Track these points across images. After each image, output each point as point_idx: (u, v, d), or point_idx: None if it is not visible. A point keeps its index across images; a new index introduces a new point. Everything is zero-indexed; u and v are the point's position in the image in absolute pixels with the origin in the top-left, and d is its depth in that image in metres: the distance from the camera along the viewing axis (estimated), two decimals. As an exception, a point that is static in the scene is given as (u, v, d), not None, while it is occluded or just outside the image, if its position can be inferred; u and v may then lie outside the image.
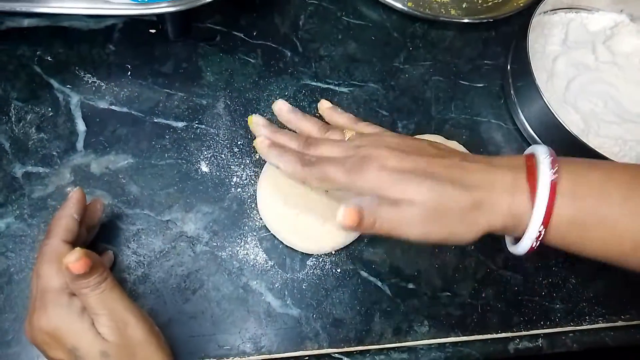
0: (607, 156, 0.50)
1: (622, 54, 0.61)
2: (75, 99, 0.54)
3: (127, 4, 0.49)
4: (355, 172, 0.38)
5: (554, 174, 0.36)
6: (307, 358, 0.49)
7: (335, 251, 0.52)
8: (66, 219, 0.42)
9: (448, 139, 0.57)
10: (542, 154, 0.38)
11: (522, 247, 0.38)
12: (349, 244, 0.52)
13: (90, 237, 0.47)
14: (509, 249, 0.41)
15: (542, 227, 0.37)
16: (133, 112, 0.54)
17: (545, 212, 0.36)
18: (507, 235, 0.42)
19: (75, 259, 0.36)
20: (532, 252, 0.39)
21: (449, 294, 0.52)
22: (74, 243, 0.42)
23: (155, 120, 0.54)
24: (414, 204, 0.37)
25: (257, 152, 0.54)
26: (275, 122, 0.47)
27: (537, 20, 0.59)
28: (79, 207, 0.43)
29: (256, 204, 0.52)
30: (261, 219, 0.52)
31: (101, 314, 0.37)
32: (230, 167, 0.53)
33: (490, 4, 0.64)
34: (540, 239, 0.37)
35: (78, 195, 0.44)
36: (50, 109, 0.53)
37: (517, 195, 0.37)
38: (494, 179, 0.38)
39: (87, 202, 0.45)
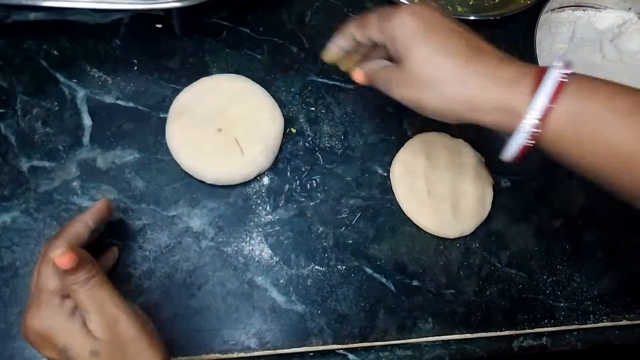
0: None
1: (630, 52, 0.61)
2: (81, 93, 0.53)
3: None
4: (385, 17, 0.41)
5: (564, 76, 0.36)
6: (311, 354, 0.49)
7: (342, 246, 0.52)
8: (80, 223, 0.42)
9: (454, 135, 0.57)
10: (556, 60, 0.37)
11: (515, 142, 0.38)
12: (353, 242, 0.52)
13: (91, 240, 0.46)
14: (501, 156, 0.40)
15: (539, 119, 0.36)
16: (139, 107, 0.54)
17: (547, 106, 0.35)
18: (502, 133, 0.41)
19: (61, 253, 0.36)
20: (522, 157, 0.38)
21: (453, 291, 0.53)
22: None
23: (162, 115, 0.54)
24: (408, 69, 0.39)
25: (263, 148, 0.54)
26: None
27: (544, 17, 0.59)
28: (98, 216, 0.43)
29: (262, 199, 0.52)
30: (268, 215, 0.52)
31: (91, 310, 0.37)
32: (235, 163, 0.53)
33: (497, 1, 0.64)
34: (535, 134, 0.36)
35: (101, 205, 0.44)
36: (56, 103, 0.53)
37: (517, 88, 0.37)
38: (496, 70, 0.38)
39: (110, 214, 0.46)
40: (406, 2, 0.61)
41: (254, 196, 0.52)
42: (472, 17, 0.62)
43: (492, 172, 0.57)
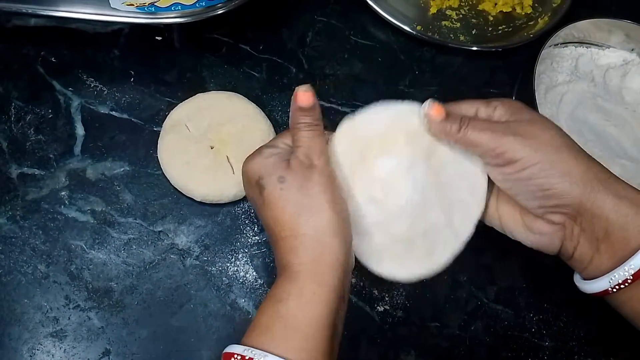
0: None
1: (630, 92, 0.61)
2: (76, 102, 0.53)
3: (135, 13, 0.49)
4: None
5: None
6: (290, 381, 0.49)
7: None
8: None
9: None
10: None
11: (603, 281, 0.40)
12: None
13: None
14: (580, 284, 0.43)
15: None
16: (133, 119, 0.54)
17: None
18: (579, 268, 0.43)
19: (304, 90, 0.39)
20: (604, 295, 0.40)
21: (438, 324, 0.52)
22: None
23: (155, 129, 0.53)
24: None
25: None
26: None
27: (546, 52, 0.58)
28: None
29: (250, 220, 0.52)
30: (255, 236, 0.51)
31: (301, 146, 0.39)
32: (226, 181, 0.53)
33: (500, 32, 0.64)
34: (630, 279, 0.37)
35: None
36: (50, 111, 0.53)
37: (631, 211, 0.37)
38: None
39: None
40: (401, 24, 0.60)
41: (242, 216, 0.52)
42: (474, 48, 0.62)
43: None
